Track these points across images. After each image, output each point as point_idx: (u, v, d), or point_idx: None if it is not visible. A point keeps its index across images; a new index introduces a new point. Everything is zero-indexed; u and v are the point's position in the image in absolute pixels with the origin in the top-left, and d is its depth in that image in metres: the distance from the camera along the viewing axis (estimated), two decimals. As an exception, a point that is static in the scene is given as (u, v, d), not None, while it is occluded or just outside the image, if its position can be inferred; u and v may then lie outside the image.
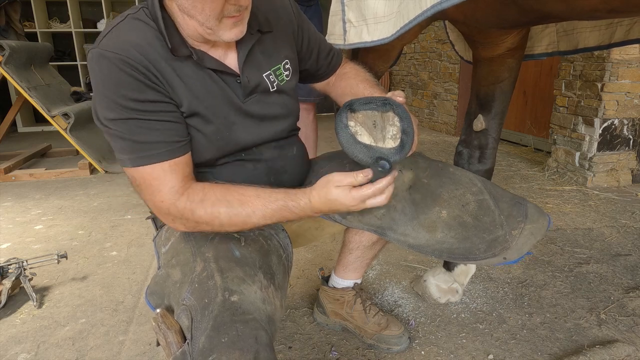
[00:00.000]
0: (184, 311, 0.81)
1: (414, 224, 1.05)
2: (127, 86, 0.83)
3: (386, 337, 1.38)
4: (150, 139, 0.85)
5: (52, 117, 3.42)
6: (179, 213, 0.88)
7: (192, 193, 0.88)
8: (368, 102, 0.92)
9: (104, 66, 0.83)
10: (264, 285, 0.86)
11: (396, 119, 0.90)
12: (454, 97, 4.79)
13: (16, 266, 1.71)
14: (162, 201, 0.87)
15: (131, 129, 0.84)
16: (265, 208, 0.88)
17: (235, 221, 0.88)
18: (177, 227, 0.91)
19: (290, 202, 0.89)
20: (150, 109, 0.85)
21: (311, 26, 1.13)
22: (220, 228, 0.90)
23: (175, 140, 0.88)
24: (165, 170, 0.87)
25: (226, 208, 0.87)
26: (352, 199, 0.86)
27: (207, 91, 0.92)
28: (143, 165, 0.86)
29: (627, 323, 1.50)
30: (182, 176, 0.89)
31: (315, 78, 1.21)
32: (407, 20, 1.04)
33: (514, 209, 1.08)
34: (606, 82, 2.76)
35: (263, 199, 0.89)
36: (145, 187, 0.88)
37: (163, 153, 0.86)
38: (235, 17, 0.85)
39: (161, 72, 0.86)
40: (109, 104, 0.83)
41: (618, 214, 2.47)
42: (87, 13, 6.13)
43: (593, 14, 0.97)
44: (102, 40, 0.85)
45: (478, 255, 1.05)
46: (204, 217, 0.88)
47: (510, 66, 1.43)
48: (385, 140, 0.90)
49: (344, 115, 0.90)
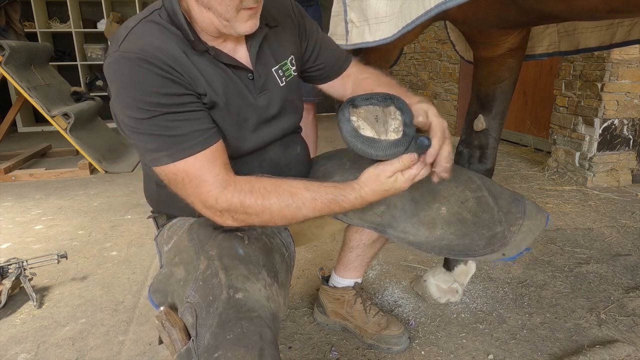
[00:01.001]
0: (188, 309, 0.81)
1: (413, 221, 1.05)
2: (152, 83, 0.82)
3: (386, 337, 1.38)
4: (184, 131, 0.84)
5: (52, 117, 3.42)
6: (227, 204, 0.86)
7: (240, 183, 0.87)
8: (369, 98, 0.93)
9: (125, 67, 0.82)
10: (268, 283, 0.86)
11: (398, 113, 0.91)
12: (454, 97, 4.79)
13: (16, 266, 1.71)
14: (208, 192, 0.85)
15: (163, 125, 0.83)
16: (315, 201, 0.89)
17: (286, 213, 0.88)
18: (225, 221, 0.89)
19: (340, 196, 0.90)
20: (178, 101, 0.85)
21: (313, 25, 1.13)
22: (269, 221, 0.89)
23: (208, 127, 0.88)
24: (207, 158, 0.85)
25: (277, 200, 0.87)
26: (404, 181, 0.89)
27: (224, 86, 0.92)
28: (184, 158, 0.84)
29: (627, 323, 1.50)
30: (223, 163, 0.88)
31: (319, 79, 1.19)
32: (409, 20, 1.05)
33: (512, 205, 1.09)
34: (606, 82, 2.76)
35: (313, 192, 0.89)
36: (188, 181, 0.86)
37: (200, 142, 0.85)
38: (252, 8, 0.86)
39: (182, 66, 0.86)
40: (136, 104, 0.82)
41: (618, 214, 2.48)
42: (87, 13, 6.12)
43: (593, 15, 0.97)
44: (122, 44, 0.84)
45: (477, 252, 1.05)
46: (254, 207, 0.86)
47: (510, 66, 1.43)
48: (387, 133, 0.90)
49: (346, 110, 0.90)
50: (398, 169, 0.88)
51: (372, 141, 0.87)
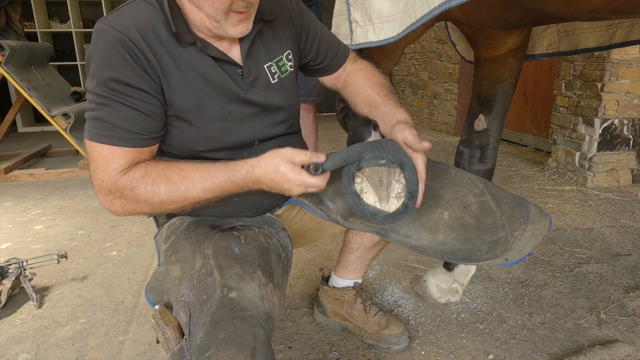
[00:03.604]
0: (182, 307, 0.81)
1: (416, 225, 1.05)
2: (116, 67, 0.84)
3: (386, 337, 1.38)
4: (114, 122, 0.85)
5: (52, 117, 3.42)
6: (119, 191, 0.86)
7: (134, 170, 0.88)
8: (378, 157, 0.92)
9: (101, 41, 0.85)
10: (263, 283, 0.86)
11: (402, 176, 0.92)
12: (454, 97, 4.79)
13: (16, 266, 1.71)
14: (103, 180, 0.87)
15: (103, 106, 0.85)
16: (205, 181, 0.87)
17: (175, 197, 0.87)
18: (116, 209, 0.89)
19: (230, 172, 0.88)
20: (130, 94, 0.86)
21: (312, 19, 1.12)
22: (160, 207, 0.88)
23: (139, 132, 0.88)
24: (115, 153, 0.86)
25: (166, 184, 0.87)
26: (299, 180, 0.86)
27: (204, 79, 0.92)
28: (98, 142, 0.86)
29: (627, 323, 1.50)
30: (131, 162, 0.88)
31: (319, 72, 1.19)
32: (414, 19, 1.05)
33: (515, 210, 1.08)
34: (606, 82, 2.76)
35: (202, 171, 0.88)
36: (92, 161, 0.88)
37: (121, 138, 0.86)
38: (242, 13, 0.86)
39: (157, 58, 0.87)
40: (94, 76, 0.85)
41: (618, 214, 2.48)
42: (87, 13, 6.13)
43: (594, 15, 0.97)
44: (109, 16, 0.87)
45: (480, 257, 1.05)
46: (143, 194, 0.86)
47: (511, 66, 1.43)
48: (389, 199, 0.92)
49: (351, 172, 0.91)
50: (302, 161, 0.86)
51: (372, 212, 0.91)
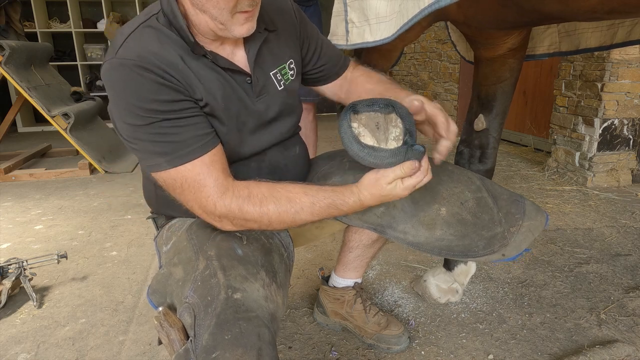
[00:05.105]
0: (186, 309, 0.81)
1: (413, 221, 1.05)
2: (148, 89, 0.82)
3: (386, 337, 1.38)
4: (182, 138, 0.85)
5: (52, 117, 3.42)
6: (226, 210, 0.86)
7: (238, 189, 0.88)
8: (371, 104, 0.92)
9: (122, 74, 0.82)
10: (267, 283, 0.86)
11: (399, 120, 0.91)
12: (454, 97, 4.79)
13: (16, 266, 1.71)
14: (208, 197, 0.86)
15: (160, 131, 0.83)
16: (313, 206, 0.89)
17: (284, 218, 0.89)
18: (225, 226, 0.90)
19: (338, 200, 0.90)
20: (174, 107, 0.85)
21: (314, 28, 1.13)
22: (268, 226, 0.90)
23: (206, 132, 0.88)
24: (205, 163, 0.86)
25: (274, 205, 0.87)
26: (403, 189, 0.90)
27: (222, 91, 0.92)
28: (183, 163, 0.85)
29: (627, 323, 1.50)
30: (222, 168, 0.89)
31: (319, 81, 1.19)
32: (406, 19, 1.05)
33: (512, 206, 1.09)
34: (606, 82, 2.76)
35: (311, 196, 0.89)
36: (187, 186, 0.86)
37: (199, 148, 0.86)
38: (248, 12, 0.86)
39: (179, 72, 0.86)
40: (133, 111, 0.82)
41: (618, 214, 2.48)
42: (87, 13, 6.13)
43: (592, 15, 0.97)
44: (119, 50, 0.84)
45: (477, 252, 1.06)
46: (252, 213, 0.87)
47: (511, 66, 1.43)
48: (387, 141, 0.91)
49: (348, 116, 0.90)
50: (399, 176, 0.88)
51: (372, 149, 0.87)
